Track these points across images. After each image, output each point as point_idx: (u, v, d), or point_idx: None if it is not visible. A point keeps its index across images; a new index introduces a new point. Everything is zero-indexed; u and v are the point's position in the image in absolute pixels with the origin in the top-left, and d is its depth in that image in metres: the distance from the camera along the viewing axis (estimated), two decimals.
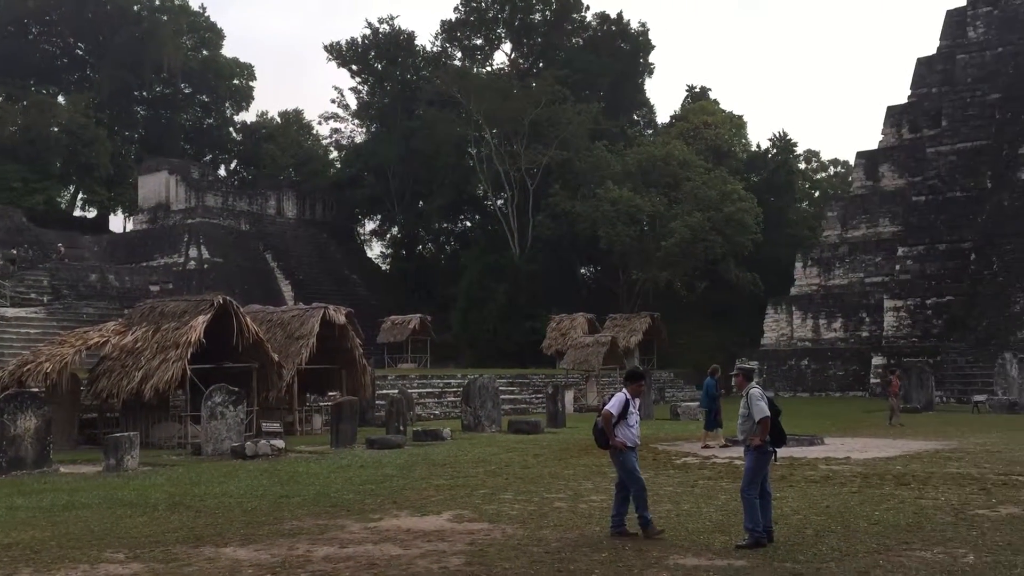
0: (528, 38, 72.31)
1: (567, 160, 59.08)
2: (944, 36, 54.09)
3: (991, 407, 30.57)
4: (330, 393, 27.19)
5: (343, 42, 71.87)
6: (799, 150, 72.49)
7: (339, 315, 26.00)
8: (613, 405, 10.42)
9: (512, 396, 36.83)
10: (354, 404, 22.58)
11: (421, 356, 52.05)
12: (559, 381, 35.96)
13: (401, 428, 22.98)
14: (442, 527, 10.87)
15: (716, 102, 74.01)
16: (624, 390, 10.61)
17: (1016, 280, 39.38)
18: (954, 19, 53.84)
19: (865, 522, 10.74)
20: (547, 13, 70.77)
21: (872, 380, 42.54)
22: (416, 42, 73.17)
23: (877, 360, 42.72)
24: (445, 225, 73.39)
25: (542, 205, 59.35)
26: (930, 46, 57.73)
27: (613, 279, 61.92)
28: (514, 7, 69.80)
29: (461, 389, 28.09)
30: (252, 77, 79.89)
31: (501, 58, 73.82)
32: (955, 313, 41.32)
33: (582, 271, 68.07)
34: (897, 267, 46.08)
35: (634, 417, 10.54)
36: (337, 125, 75.90)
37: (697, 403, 32.10)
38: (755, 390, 10.16)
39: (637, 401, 10.70)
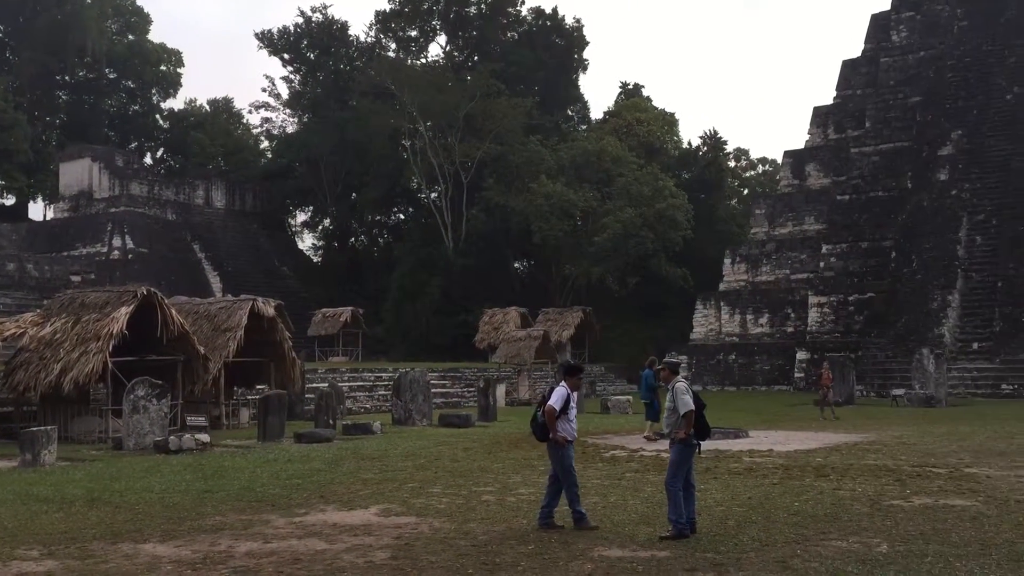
0: (463, 31, 72.13)
1: (501, 154, 59.15)
2: (869, 39, 55.52)
3: (909, 401, 31.48)
4: (258, 387, 26.79)
5: (275, 30, 70.92)
6: (729, 148, 73.70)
7: (268, 307, 25.62)
8: (555, 400, 10.45)
9: (444, 390, 36.77)
10: (282, 398, 22.29)
11: (352, 349, 51.63)
12: (491, 375, 36.02)
13: (330, 422, 22.75)
14: (369, 521, 10.80)
15: (649, 99, 74.83)
16: (563, 384, 10.65)
17: (934, 278, 40.65)
18: (879, 23, 55.29)
19: (785, 513, 10.98)
20: (482, 6, 70.69)
21: (796, 374, 43.54)
22: (350, 32, 72.59)
23: (801, 355, 43.72)
24: (378, 217, 72.90)
25: (476, 199, 59.34)
26: (856, 49, 59.26)
27: (546, 274, 62.24)
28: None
29: (392, 383, 27.92)
30: (180, 64, 78.18)
31: (436, 50, 73.59)
32: (876, 309, 42.48)
33: (515, 265, 68.27)
34: (821, 264, 47.20)
35: (573, 412, 10.64)
36: (268, 114, 74.91)
37: (628, 397, 32.63)
38: (681, 384, 10.31)
39: (575, 395, 10.78)
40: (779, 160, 60.28)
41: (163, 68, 76.80)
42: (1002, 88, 46.64)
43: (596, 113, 78.44)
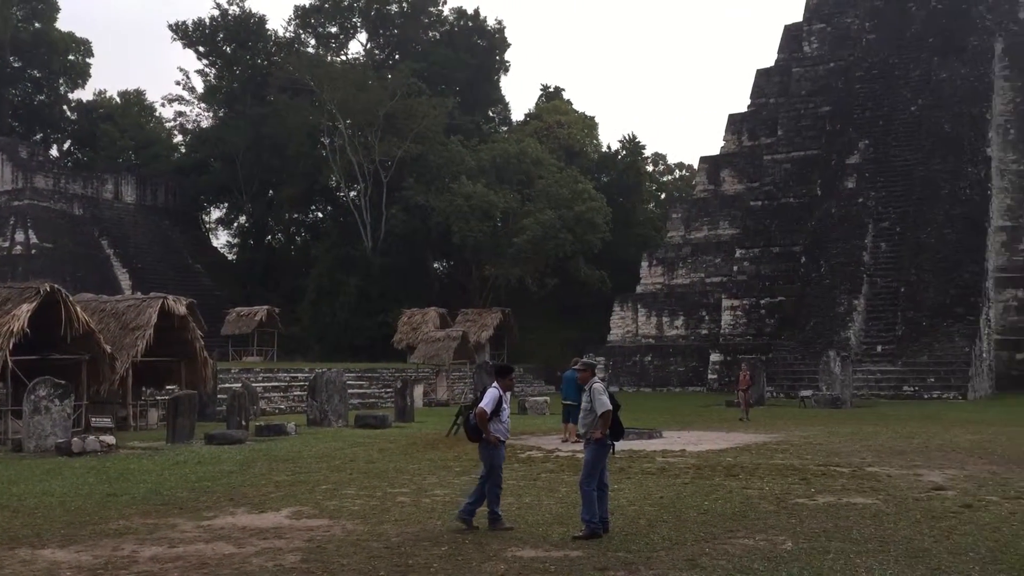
0: (384, 29, 71.61)
1: (422, 154, 58.88)
2: (782, 50, 57.03)
3: (816, 402, 32.41)
4: (168, 387, 26.10)
5: (190, 22, 69.20)
6: (647, 153, 74.82)
7: (179, 305, 24.99)
8: (487, 401, 10.51)
9: (361, 390, 36.44)
10: (193, 398, 21.77)
11: (268, 349, 50.71)
12: (409, 375, 35.82)
13: (243, 423, 22.30)
14: (280, 524, 10.62)
15: (569, 102, 75.49)
16: (495, 385, 10.68)
17: (841, 283, 41.96)
18: (791, 34, 56.85)
19: (695, 512, 11.19)
20: (404, 5, 70.31)
21: (710, 375, 44.44)
22: (268, 27, 71.26)
23: (715, 357, 44.65)
24: (296, 215, 71.77)
25: (396, 198, 58.93)
26: (770, 58, 60.82)
27: (466, 274, 62.18)
28: None
29: (308, 383, 27.52)
30: (89, 54, 75.56)
31: (357, 48, 72.96)
32: (786, 313, 43.66)
33: (435, 266, 68.03)
34: (735, 268, 48.28)
35: (506, 412, 10.68)
36: (182, 108, 73.08)
37: (545, 398, 32.82)
38: (598, 384, 10.44)
39: (508, 395, 10.82)
40: (695, 165, 61.45)
41: (71, 58, 74.14)
42: (907, 100, 48.43)
43: (517, 115, 78.93)
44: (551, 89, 77.31)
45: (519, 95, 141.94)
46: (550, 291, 57.21)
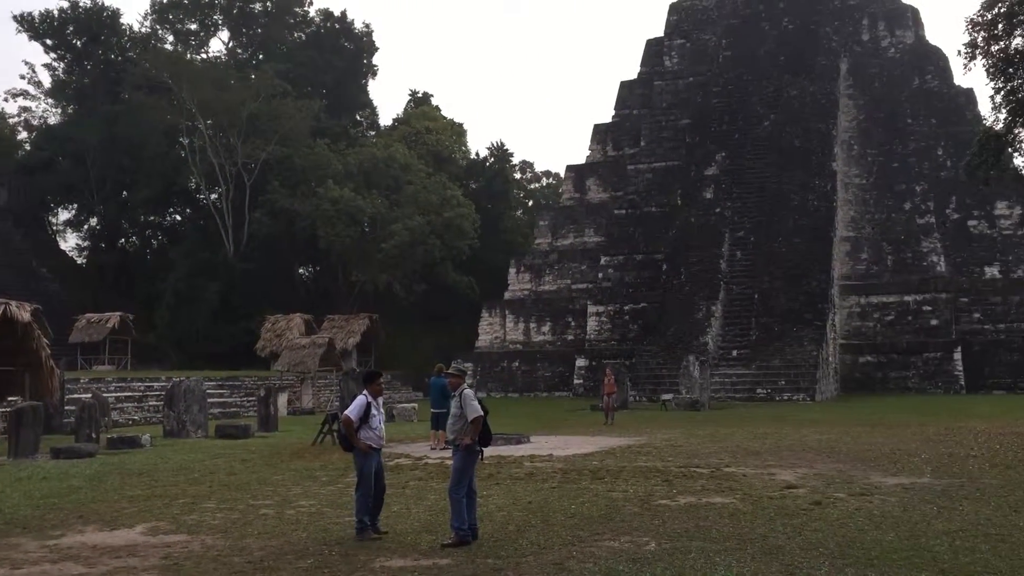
0: (248, 28, 69.78)
1: (287, 156, 57.63)
2: (644, 63, 58.74)
3: (677, 405, 33.45)
4: (10, 398, 24.51)
5: (36, 13, 65.46)
6: (515, 160, 75.64)
7: (23, 312, 23.47)
8: (352, 409, 10.39)
9: (222, 399, 35.24)
10: (37, 409, 20.50)
11: (121, 358, 48.43)
12: (273, 383, 34.92)
13: (93, 435, 21.17)
14: (134, 541, 10.12)
15: (438, 109, 75.52)
16: (365, 392, 10.52)
17: (700, 290, 43.48)
18: (653, 48, 58.64)
19: (562, 516, 11.32)
20: (268, 4, 68.76)
21: (576, 380, 45.21)
22: (123, 20, 68.24)
23: (581, 362, 45.46)
24: (152, 218, 68.90)
25: (260, 202, 57.42)
26: (633, 70, 62.56)
27: (332, 280, 61.20)
28: None
29: (165, 392, 26.39)
30: None
31: (218, 46, 71.08)
32: (649, 319, 44.89)
33: (301, 271, 66.64)
34: (600, 275, 49.32)
35: (377, 418, 10.54)
36: (28, 103, 69.18)
37: (414, 405, 32.63)
38: (468, 390, 10.46)
39: (380, 400, 10.67)
40: (562, 174, 62.50)
41: None
42: (760, 115, 50.69)
43: (386, 120, 78.30)
44: (420, 95, 77.15)
45: (388, 100, 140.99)
46: (418, 297, 56.98)
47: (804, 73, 51.26)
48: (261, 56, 68.77)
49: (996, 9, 18.10)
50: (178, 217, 69.68)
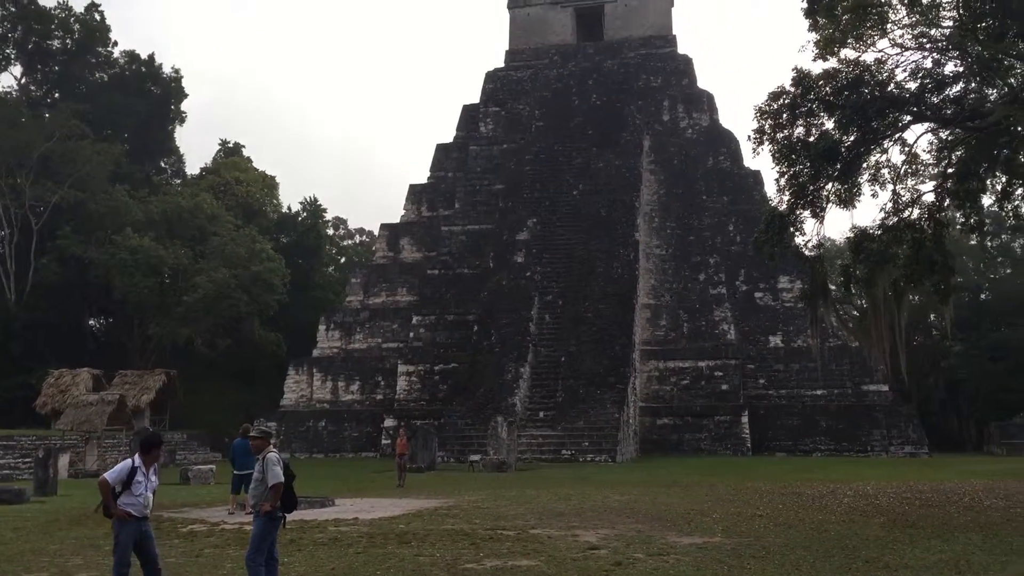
0: (44, 65, 65.90)
1: (82, 201, 54.35)
2: (460, 128, 59.96)
3: (484, 466, 33.57)
4: None
5: None
6: (329, 216, 74.80)
7: None
8: (113, 472, 9.72)
9: None
10: None
11: None
12: (53, 443, 32.28)
13: None
14: None
15: (249, 160, 73.78)
16: (135, 455, 9.91)
17: (509, 352, 44.19)
18: (469, 114, 60.01)
19: None
20: (68, 41, 65.25)
21: (384, 441, 44.55)
22: None
23: (389, 422, 44.90)
24: None
25: (49, 248, 53.65)
26: (449, 134, 63.73)
27: (127, 333, 57.79)
28: (29, 28, 63.30)
29: None
30: None
31: (9, 81, 66.44)
32: (459, 379, 45.08)
33: (92, 323, 62.51)
34: (411, 334, 49.19)
35: (143, 485, 9.85)
36: None
37: (211, 467, 31.04)
38: (272, 454, 10.10)
39: (155, 467, 10.02)
40: (376, 232, 62.32)
41: None
42: (569, 184, 52.74)
43: (193, 168, 75.72)
44: (231, 144, 75.16)
45: (196, 148, 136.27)
46: (221, 353, 54.73)
47: (611, 147, 53.93)
48: (58, 94, 65.00)
49: (781, 100, 19.78)
50: None
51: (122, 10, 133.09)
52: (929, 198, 20.85)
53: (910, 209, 20.89)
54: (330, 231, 76.64)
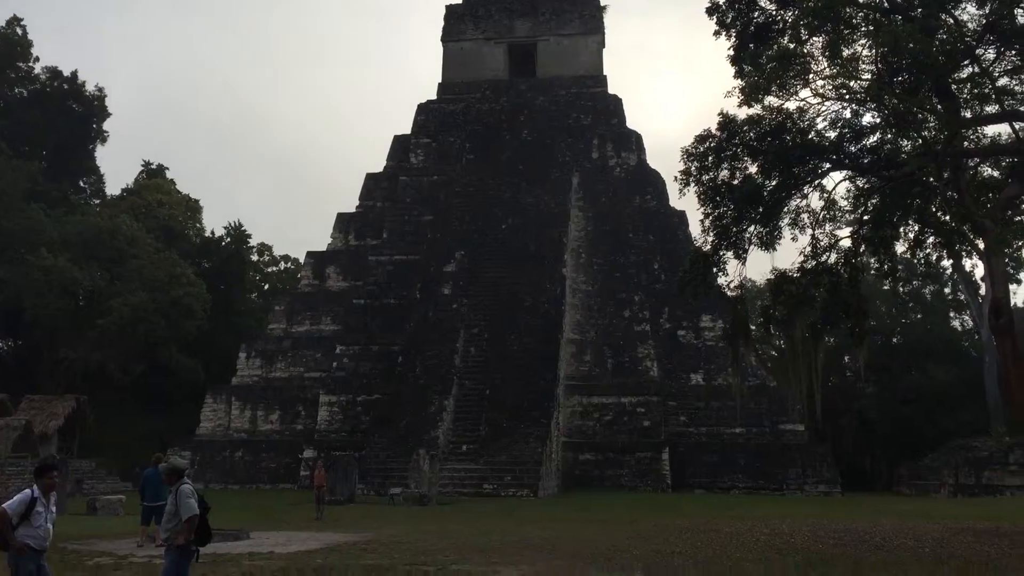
0: None
1: None
2: (391, 157, 59.82)
3: (405, 499, 33.14)
4: None
5: None
6: (253, 242, 73.60)
7: None
8: (11, 503, 9.31)
9: None
10: None
11: None
12: None
13: None
14: None
15: (173, 182, 72.32)
16: (34, 486, 9.51)
17: (434, 384, 43.89)
18: (400, 144, 59.94)
19: None
20: None
21: (302, 472, 43.68)
22: None
23: (308, 453, 44.08)
24: None
25: None
26: (379, 164, 63.58)
27: (36, 356, 55.72)
28: None
29: None
30: None
31: None
32: (382, 410, 44.54)
33: None
34: (335, 364, 48.52)
35: (43, 516, 9.46)
36: None
37: (121, 496, 29.98)
38: (186, 486, 9.85)
39: (53, 496, 9.62)
40: (302, 259, 61.52)
41: None
42: (499, 218, 52.96)
43: (114, 189, 73.92)
44: (154, 166, 73.62)
45: (118, 169, 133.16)
46: (136, 378, 53.19)
47: (540, 183, 54.40)
48: None
49: (707, 143, 20.29)
50: None
51: (48, 25, 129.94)
52: (846, 243, 21.56)
53: (828, 253, 21.55)
54: (255, 257, 75.38)
